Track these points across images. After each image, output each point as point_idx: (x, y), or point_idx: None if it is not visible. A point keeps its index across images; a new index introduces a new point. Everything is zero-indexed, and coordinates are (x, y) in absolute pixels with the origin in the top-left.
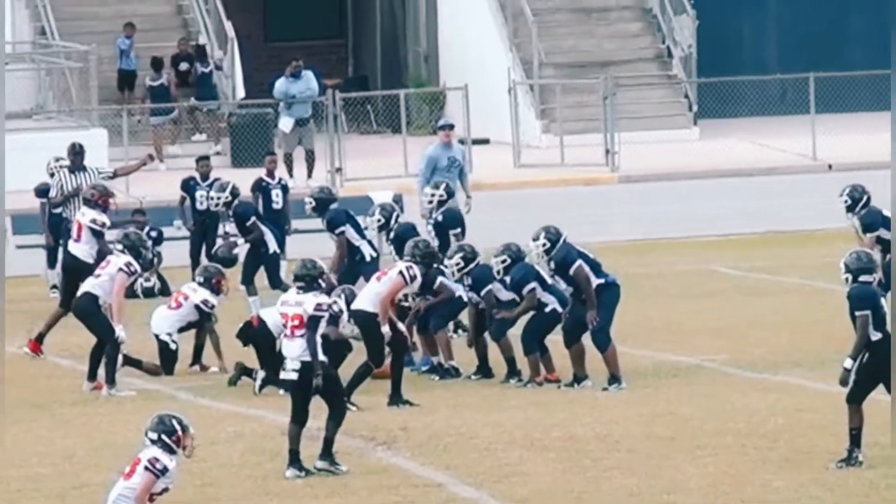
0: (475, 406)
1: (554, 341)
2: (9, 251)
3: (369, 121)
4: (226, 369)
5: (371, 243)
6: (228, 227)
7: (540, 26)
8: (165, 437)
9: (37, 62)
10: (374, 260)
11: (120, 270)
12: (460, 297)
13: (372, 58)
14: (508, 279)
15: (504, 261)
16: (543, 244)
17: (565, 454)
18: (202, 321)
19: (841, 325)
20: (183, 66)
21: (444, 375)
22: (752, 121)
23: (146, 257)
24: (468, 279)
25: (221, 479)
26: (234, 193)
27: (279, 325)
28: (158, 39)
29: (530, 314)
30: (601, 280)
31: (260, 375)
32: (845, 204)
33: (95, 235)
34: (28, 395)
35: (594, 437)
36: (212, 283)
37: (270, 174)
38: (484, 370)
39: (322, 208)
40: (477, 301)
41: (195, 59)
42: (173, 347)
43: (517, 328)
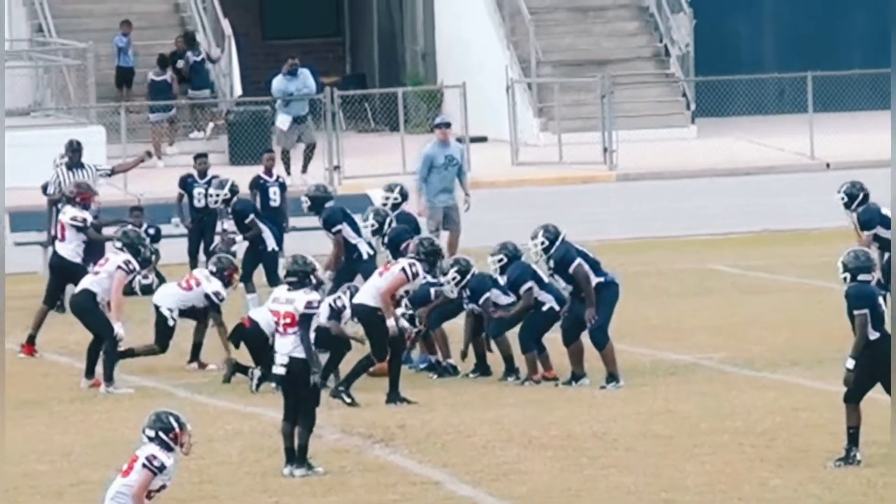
0: (473, 404)
1: (551, 339)
2: (7, 248)
3: (367, 119)
4: (234, 360)
5: (368, 241)
6: (227, 225)
7: (537, 25)
8: (163, 435)
9: (34, 60)
10: (372, 258)
11: (118, 268)
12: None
13: (369, 56)
14: (504, 278)
15: (500, 260)
16: (542, 242)
17: (563, 452)
18: (208, 311)
19: (839, 324)
20: (180, 64)
21: (442, 373)
22: (750, 119)
23: (144, 255)
24: (466, 291)
25: (219, 477)
26: (234, 190)
27: (271, 324)
28: (155, 37)
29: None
30: (600, 278)
31: (256, 374)
32: (842, 201)
33: (79, 231)
34: (26, 393)
35: (592, 436)
36: (224, 275)
37: (268, 172)
38: (482, 368)
39: (318, 206)
40: (477, 311)
41: (186, 50)
42: (171, 324)
43: (516, 327)
